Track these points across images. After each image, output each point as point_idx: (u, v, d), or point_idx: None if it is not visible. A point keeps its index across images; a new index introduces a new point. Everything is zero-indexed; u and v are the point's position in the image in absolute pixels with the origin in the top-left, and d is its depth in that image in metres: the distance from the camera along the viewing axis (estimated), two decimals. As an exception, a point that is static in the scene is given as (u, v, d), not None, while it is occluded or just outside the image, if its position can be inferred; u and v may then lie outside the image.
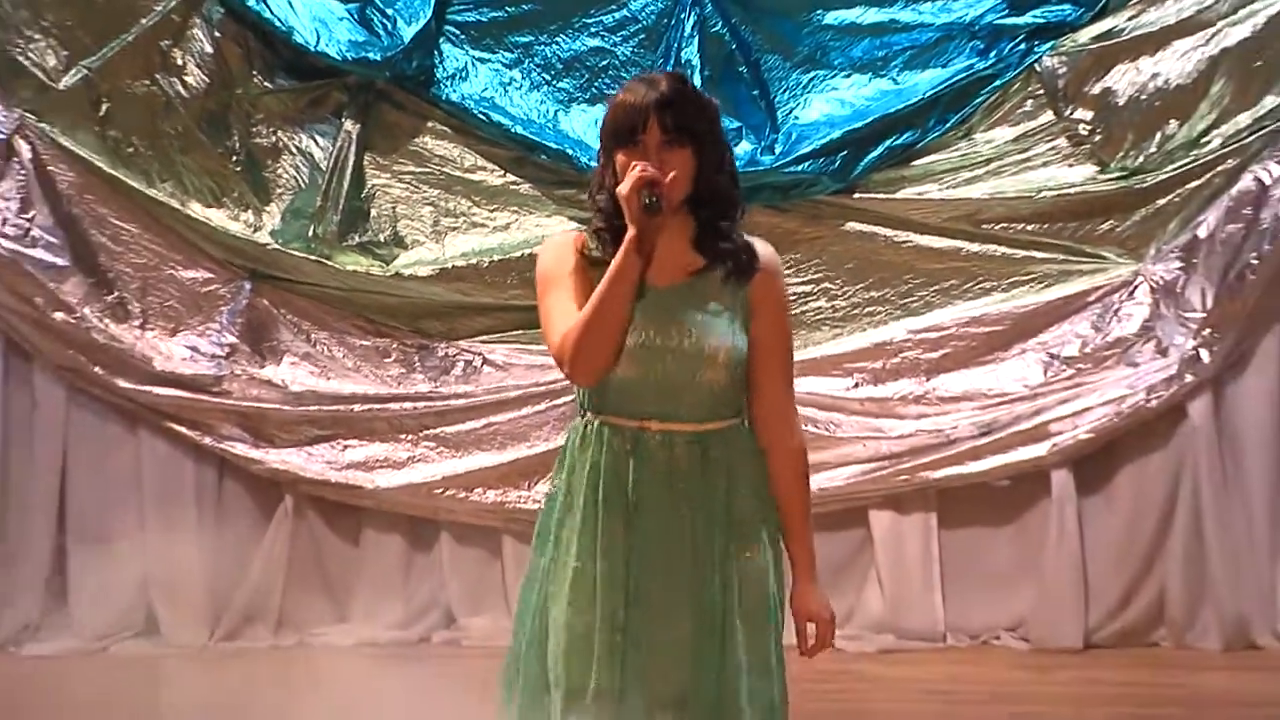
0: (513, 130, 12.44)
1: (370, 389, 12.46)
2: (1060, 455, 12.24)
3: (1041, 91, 12.46)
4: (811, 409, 12.07)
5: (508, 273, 12.14)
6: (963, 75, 12.46)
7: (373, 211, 12.56)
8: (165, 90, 12.39)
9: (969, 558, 12.42)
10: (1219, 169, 12.24)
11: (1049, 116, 12.47)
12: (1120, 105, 12.37)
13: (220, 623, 12.26)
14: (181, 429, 12.34)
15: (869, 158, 12.40)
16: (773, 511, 6.21)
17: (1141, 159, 12.37)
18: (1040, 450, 12.23)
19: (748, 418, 6.24)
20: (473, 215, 12.58)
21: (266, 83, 12.56)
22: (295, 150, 12.57)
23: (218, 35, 12.44)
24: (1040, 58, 12.47)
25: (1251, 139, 12.22)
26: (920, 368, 12.43)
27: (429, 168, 12.60)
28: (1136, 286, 12.33)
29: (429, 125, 12.60)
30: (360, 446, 12.45)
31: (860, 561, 12.42)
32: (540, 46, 12.61)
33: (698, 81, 11.82)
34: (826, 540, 11.56)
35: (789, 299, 6.35)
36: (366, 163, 12.56)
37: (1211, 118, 12.33)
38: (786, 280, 6.39)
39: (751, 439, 6.23)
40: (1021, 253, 12.46)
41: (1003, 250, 12.47)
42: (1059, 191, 12.40)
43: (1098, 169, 12.43)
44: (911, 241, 12.51)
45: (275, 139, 12.56)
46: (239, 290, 12.40)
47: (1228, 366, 12.26)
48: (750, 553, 6.14)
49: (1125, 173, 12.37)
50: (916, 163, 12.52)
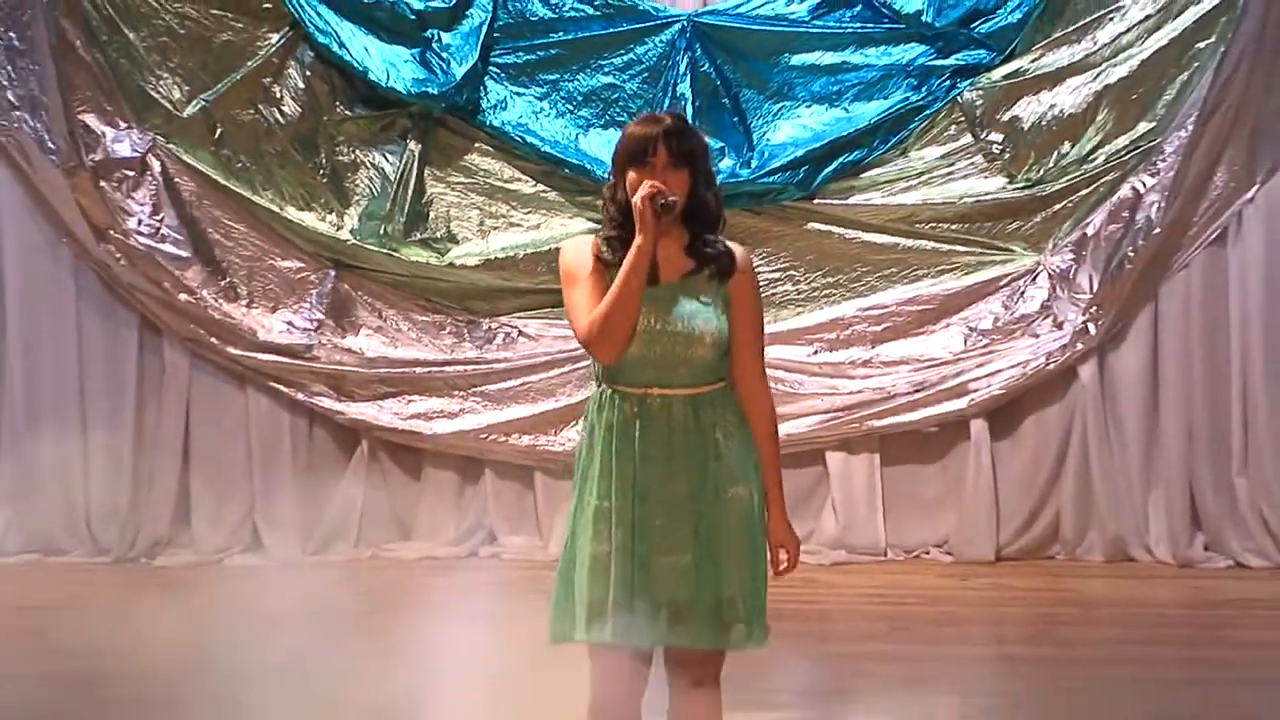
0: (542, 150, 12.69)
1: (429, 355, 12.78)
2: (977, 408, 12.60)
3: (963, 119, 12.75)
4: (780, 371, 12.31)
5: (539, 263, 12.44)
6: (900, 106, 12.71)
7: (431, 214, 12.84)
8: (266, 118, 12.67)
9: (905, 489, 12.81)
10: (1103, 180, 12.57)
11: (968, 139, 12.75)
12: (1025, 129, 12.65)
13: (311, 540, 12.63)
14: (280, 387, 12.72)
15: (826, 171, 12.66)
16: (753, 456, 6.48)
17: (1042, 172, 12.67)
18: (961, 404, 12.60)
19: (729, 382, 6.49)
20: (510, 216, 12.83)
21: (347, 111, 12.79)
22: (369, 165, 12.82)
23: (308, 74, 12.68)
24: (961, 92, 12.71)
25: (1129, 156, 12.49)
26: (866, 338, 12.72)
27: (475, 179, 12.85)
28: (1038, 274, 12.66)
29: (475, 145, 12.84)
30: (421, 401, 12.78)
31: (818, 492, 12.74)
32: (564, 83, 12.79)
33: (689, 111, 12.25)
34: (791, 476, 11.75)
35: (759, 288, 6.60)
36: (426, 175, 12.81)
37: (1097, 139, 12.59)
38: (759, 269, 6.90)
39: (733, 399, 6.48)
40: (947, 247, 12.75)
41: (932, 245, 12.75)
42: (976, 198, 12.71)
43: (1007, 180, 12.71)
44: (859, 238, 12.77)
45: (354, 156, 12.81)
46: (325, 277, 12.73)
47: (1109, 338, 12.54)
48: (736, 490, 6.42)
49: (1029, 183, 12.67)
50: (863, 175, 12.76)
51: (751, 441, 6.52)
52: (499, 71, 12.86)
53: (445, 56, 12.77)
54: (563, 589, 6.49)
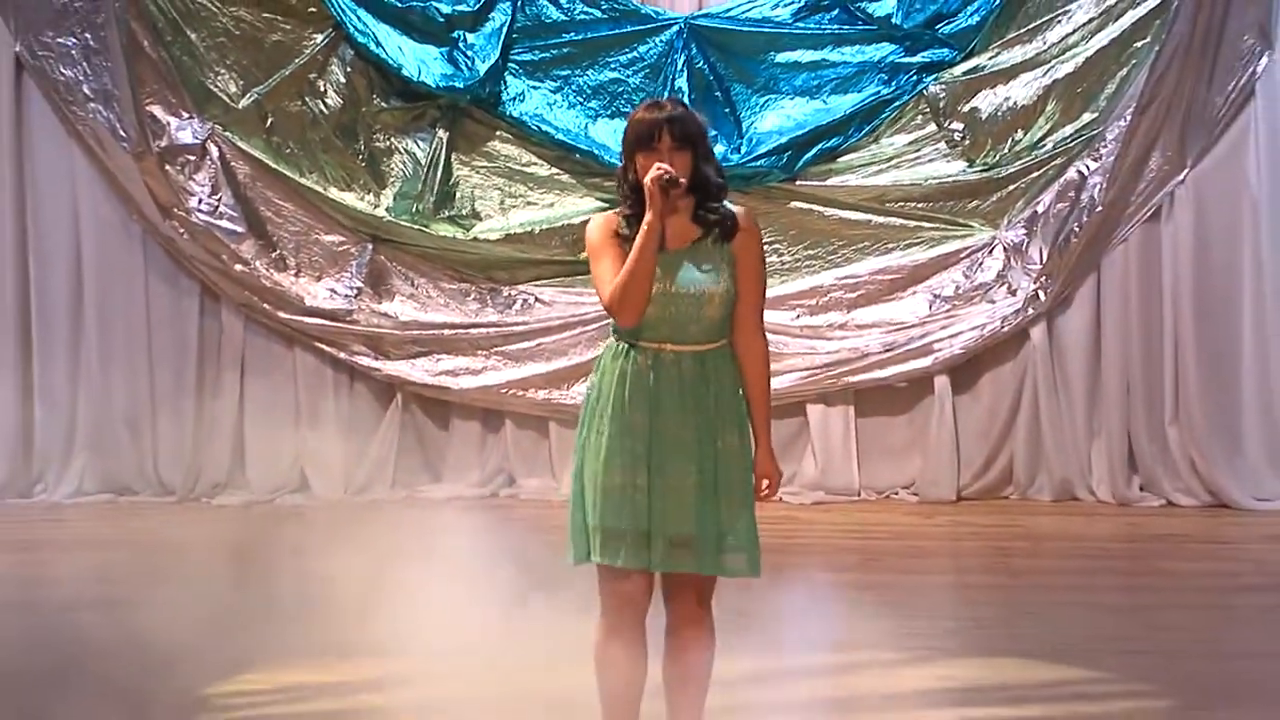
0: (556, 137, 12.72)
1: (455, 319, 12.79)
2: (940, 365, 12.64)
3: (928, 110, 12.76)
4: (770, 334, 12.20)
5: (553, 237, 12.50)
6: (872, 98, 12.72)
7: (457, 194, 12.84)
8: (312, 109, 12.74)
9: (876, 437, 12.85)
10: (1051, 164, 12.57)
11: (933, 128, 12.77)
12: (983, 119, 12.67)
13: (351, 482, 12.64)
14: (324, 347, 12.76)
15: (806, 156, 12.69)
16: (743, 406, 6.42)
17: (997, 157, 12.67)
18: (926, 362, 12.63)
19: (729, 341, 6.42)
20: (528, 196, 12.83)
21: (383, 103, 12.82)
22: (403, 151, 12.83)
23: (349, 70, 12.74)
24: (927, 86, 12.73)
25: (1074, 143, 12.52)
26: (843, 304, 12.74)
27: (496, 163, 12.86)
28: (994, 247, 12.65)
29: (497, 133, 12.85)
30: (449, 359, 12.79)
31: (800, 440, 12.79)
32: (575, 78, 12.79)
33: (687, 102, 12.47)
34: (775, 426, 11.64)
35: (763, 247, 6.51)
36: (453, 160, 12.83)
37: (1046, 128, 12.62)
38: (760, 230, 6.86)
39: (731, 357, 6.43)
40: (914, 223, 12.74)
41: (900, 221, 12.73)
42: (940, 180, 12.72)
43: (967, 164, 12.72)
44: (836, 215, 12.76)
45: (389, 143, 12.85)
46: (364, 249, 12.75)
47: (1057, 303, 12.55)
48: (731, 438, 6.39)
49: (986, 167, 12.68)
50: (840, 160, 12.77)
51: (742, 394, 6.48)
52: (517, 68, 12.85)
53: (470, 55, 12.76)
54: (578, 516, 6.48)
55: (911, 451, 12.87)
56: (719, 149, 12.32)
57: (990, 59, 12.75)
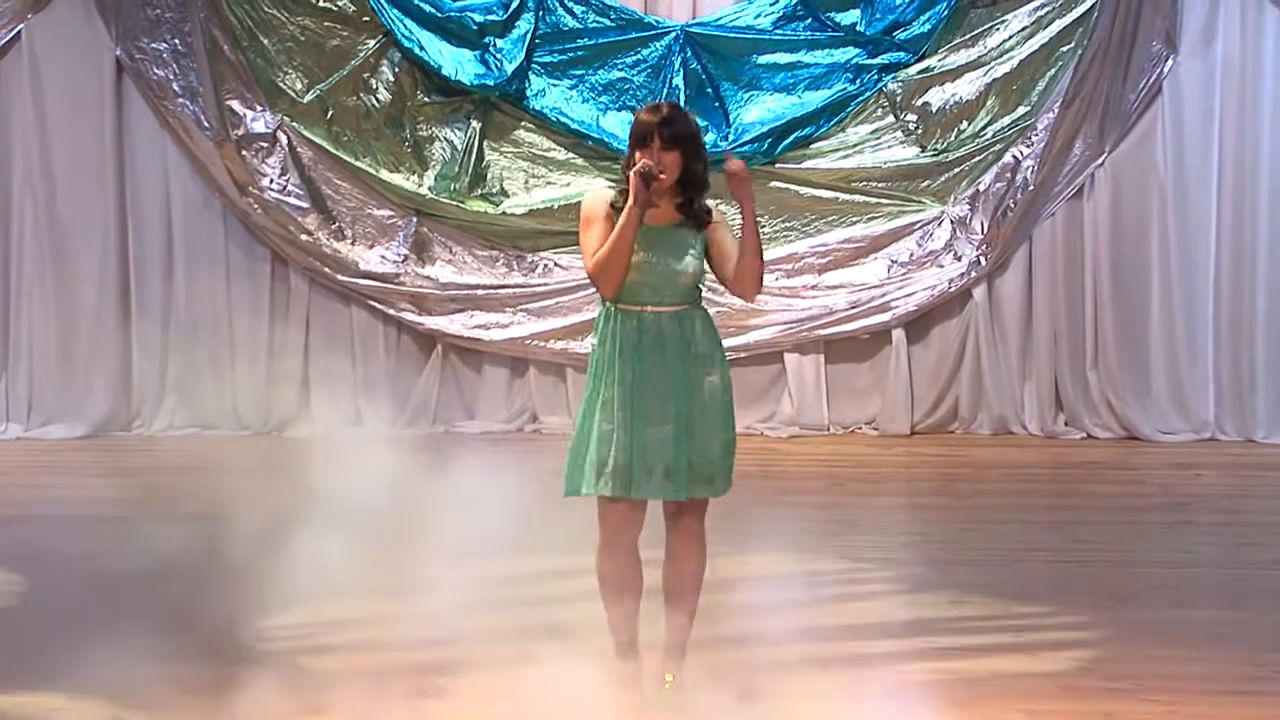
0: (572, 127, 12.65)
1: (487, 281, 12.75)
2: (897, 320, 12.64)
3: (887, 104, 12.70)
4: None
5: (569, 211, 12.14)
6: (840, 94, 12.65)
7: (488, 175, 12.77)
8: (365, 103, 12.65)
9: (843, 381, 12.81)
10: (991, 150, 12.55)
11: (891, 119, 12.70)
12: (933, 112, 12.65)
13: (400, 418, 12.55)
14: (375, 304, 12.71)
15: (784, 143, 12.64)
16: (719, 350, 6.52)
17: (945, 144, 12.65)
18: (886, 317, 12.64)
19: (699, 304, 6.52)
20: (548, 177, 12.76)
21: (425, 98, 12.70)
22: (442, 139, 12.74)
23: (397, 70, 12.62)
24: (886, 84, 12.66)
25: (1010, 132, 12.50)
26: (815, 268, 12.72)
27: (522, 149, 12.78)
28: (942, 220, 12.64)
29: (522, 123, 12.75)
30: (481, 315, 12.75)
31: (777, 384, 12.78)
32: (588, 76, 12.71)
33: (681, 98, 12.13)
34: (758, 371, 12.58)
35: (728, 225, 6.55)
36: (484, 146, 12.73)
37: (987, 119, 12.57)
38: (734, 217, 6.68)
39: (705, 314, 6.56)
40: (874, 200, 12.68)
41: (863, 198, 12.68)
42: (897, 164, 12.68)
43: (920, 150, 12.69)
44: (810, 193, 12.71)
45: (430, 132, 12.75)
46: (409, 222, 12.68)
47: (996, 268, 12.54)
48: (710, 379, 6.49)
49: (936, 152, 12.65)
50: (812, 146, 12.70)
51: (716, 340, 6.58)
52: (539, 68, 12.77)
53: (499, 57, 12.68)
54: (574, 457, 6.55)
55: (873, 393, 12.83)
56: (710, 137, 12.21)
57: (939, 61, 12.70)
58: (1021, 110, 12.61)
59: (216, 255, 12.75)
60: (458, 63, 12.73)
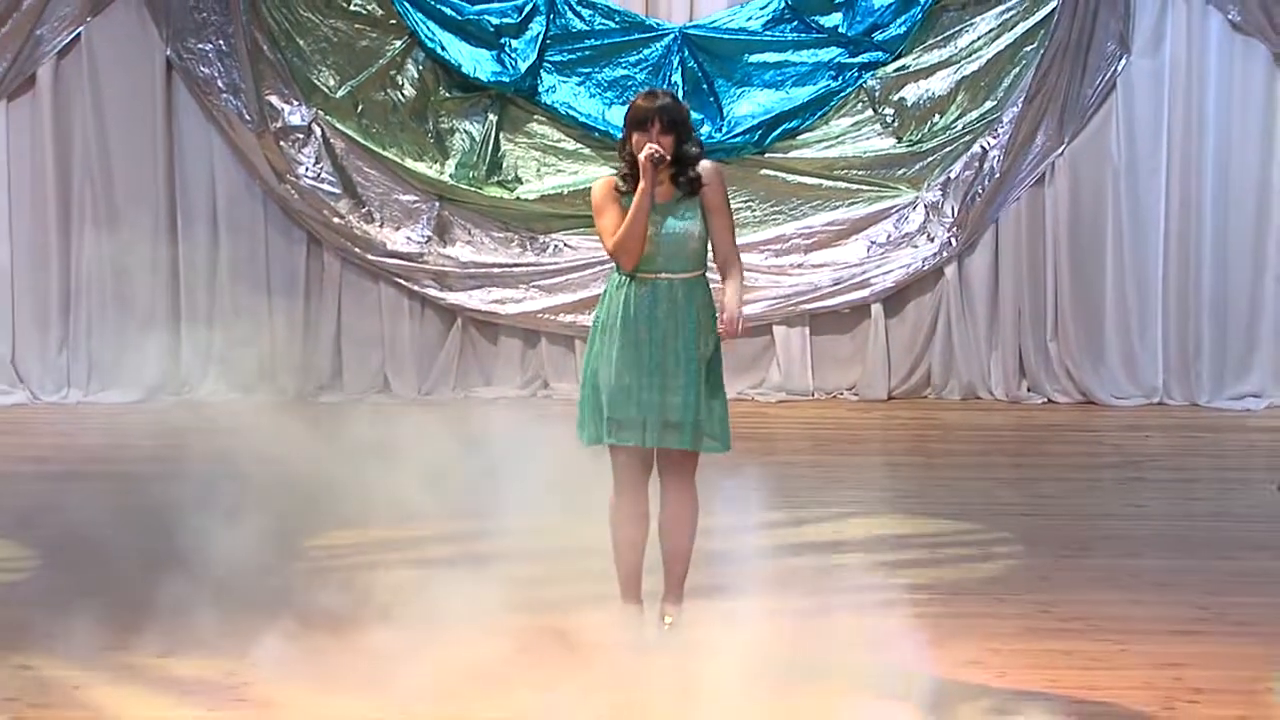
0: (580, 120, 12.64)
1: (503, 260, 12.71)
2: (875, 296, 12.60)
3: (866, 99, 12.68)
4: (744, 271, 12.24)
5: (577, 197, 12.16)
6: (824, 90, 12.65)
7: (504, 163, 12.74)
8: (392, 98, 12.62)
9: (826, 350, 12.76)
10: (961, 141, 12.54)
11: (870, 113, 12.68)
12: (908, 106, 12.64)
13: (424, 384, 12.60)
14: (401, 281, 12.65)
15: (773, 135, 12.63)
16: (713, 321, 6.55)
17: (919, 136, 12.63)
18: (865, 293, 12.60)
19: (705, 270, 6.58)
20: (558, 165, 12.74)
21: (446, 93, 12.69)
22: (462, 130, 12.72)
23: (421, 68, 12.59)
24: (866, 81, 12.65)
25: (979, 125, 12.50)
26: (801, 248, 12.68)
27: (534, 140, 12.74)
28: (916, 205, 12.61)
29: (535, 117, 12.73)
30: (497, 290, 12.68)
31: (767, 354, 12.75)
32: (595, 74, 12.68)
33: (680, 94, 11.90)
34: (750, 343, 12.48)
35: (727, 193, 6.66)
36: (500, 137, 12.71)
37: (957, 113, 12.57)
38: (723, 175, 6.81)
39: (706, 283, 6.59)
40: (855, 186, 12.67)
41: (844, 185, 12.66)
42: (875, 153, 12.67)
43: (896, 141, 12.66)
44: (796, 180, 12.71)
45: (451, 124, 12.74)
46: (432, 206, 12.62)
47: (965, 248, 12.51)
48: (706, 347, 6.57)
49: (911, 143, 12.64)
50: (799, 137, 12.69)
51: (713, 311, 6.60)
52: (550, 66, 12.74)
53: (514, 56, 12.67)
54: (586, 411, 6.64)
55: (853, 361, 12.78)
56: (705, 129, 12.32)
57: (914, 60, 12.69)
58: (988, 105, 12.62)
59: (257, 237, 12.69)
60: (476, 61, 12.71)
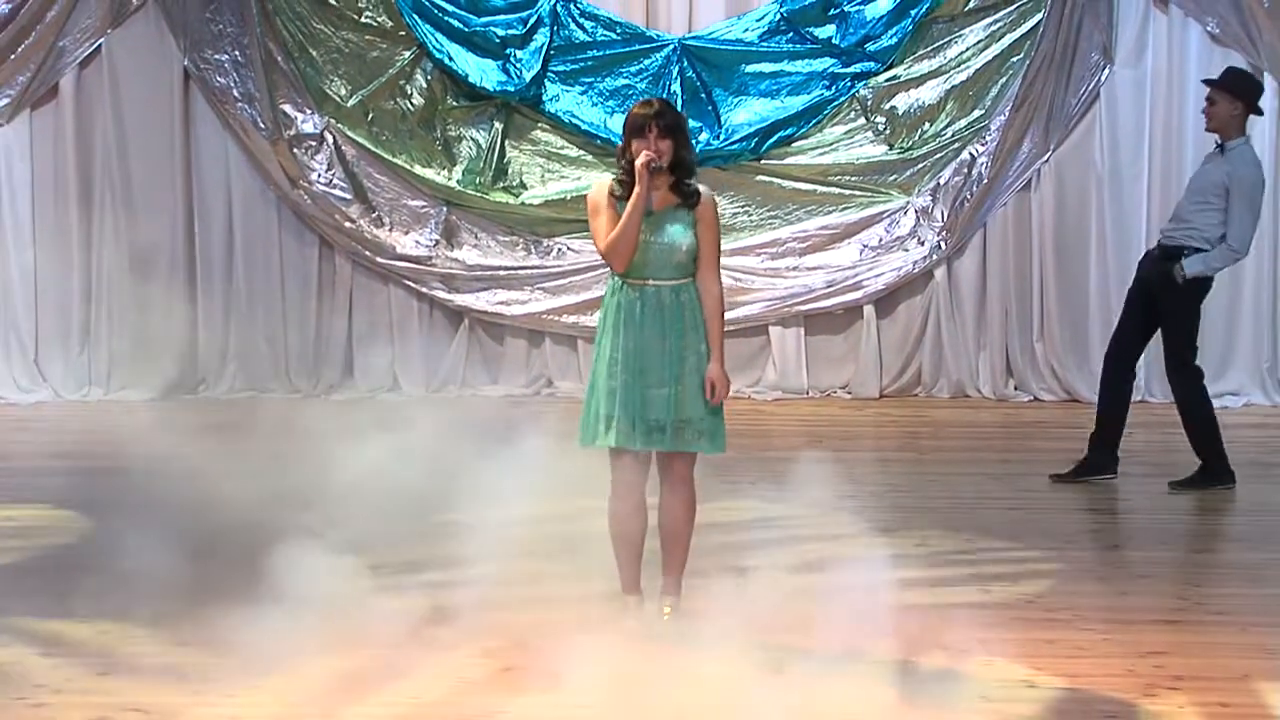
0: (582, 128, 12.65)
1: (509, 263, 12.72)
2: (868, 297, 12.63)
3: (859, 108, 12.68)
4: (739, 273, 12.30)
5: (580, 202, 10.72)
6: (818, 99, 12.65)
7: (509, 170, 12.74)
8: (401, 106, 12.68)
9: (820, 350, 12.78)
10: (950, 148, 12.55)
11: (863, 121, 12.68)
12: (899, 115, 12.63)
13: (432, 383, 12.62)
14: (410, 283, 12.70)
15: (769, 142, 12.63)
16: (703, 327, 6.56)
17: (910, 143, 12.63)
18: (858, 295, 12.61)
19: (694, 279, 6.58)
20: (561, 172, 12.76)
21: (454, 102, 12.71)
22: (469, 138, 12.74)
23: (429, 78, 12.64)
24: (858, 90, 12.65)
25: (967, 133, 12.51)
26: (796, 251, 12.69)
27: (538, 146, 12.76)
28: (907, 210, 12.60)
29: (539, 125, 12.73)
30: (503, 293, 12.71)
31: (763, 353, 12.74)
32: (597, 83, 12.68)
33: (678, 103, 12.01)
34: (745, 342, 12.48)
35: (718, 216, 6.66)
36: (506, 144, 12.71)
37: (946, 121, 12.57)
38: (726, 206, 6.80)
39: (695, 290, 6.59)
40: (848, 192, 12.65)
41: (838, 190, 12.65)
42: (868, 160, 12.65)
43: (888, 148, 12.66)
44: (791, 186, 12.68)
45: (458, 132, 12.75)
46: (440, 211, 12.65)
47: (954, 251, 12.54)
48: (697, 350, 6.56)
49: (902, 150, 12.63)
50: (794, 145, 12.68)
51: (703, 318, 6.60)
52: (554, 76, 12.75)
53: (519, 66, 12.69)
54: (587, 414, 6.63)
55: (847, 361, 12.79)
56: (703, 136, 12.36)
57: (905, 70, 12.69)
58: (977, 113, 12.64)
59: (271, 240, 12.75)
60: (483, 71, 12.75)
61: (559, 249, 12.85)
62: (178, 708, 6.00)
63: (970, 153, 12.60)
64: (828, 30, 12.77)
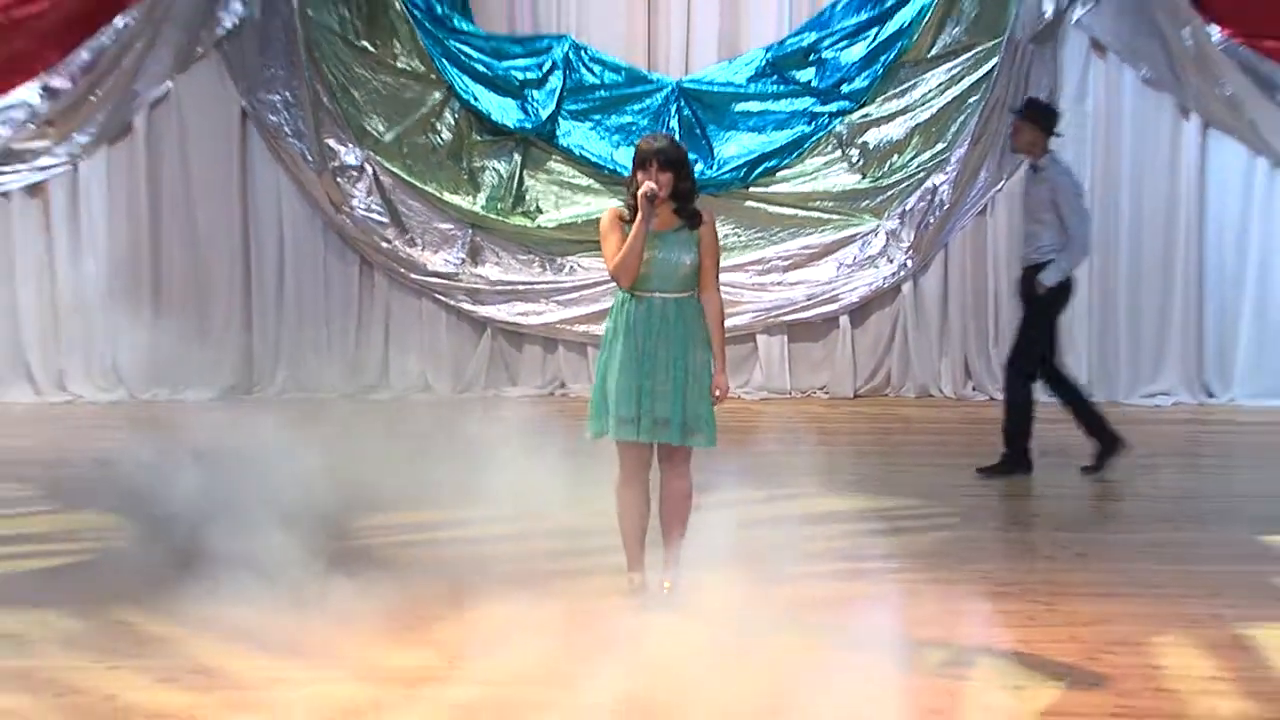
0: (591, 160, 12.68)
1: (527, 278, 12.71)
2: (843, 309, 12.61)
3: (835, 142, 12.71)
4: (730, 287, 11.97)
5: (590, 225, 11.77)
6: (799, 134, 12.70)
7: (527, 196, 12.75)
8: (432, 141, 12.72)
9: (801, 355, 12.74)
10: (915, 178, 12.56)
11: (839, 153, 12.71)
12: (871, 148, 12.67)
13: (458, 384, 12.60)
14: (440, 296, 12.67)
15: (756, 172, 12.66)
16: (705, 334, 6.55)
17: (881, 173, 12.65)
18: (834, 307, 12.60)
19: (697, 292, 6.56)
20: (574, 198, 12.75)
21: (478, 137, 12.74)
22: (492, 169, 12.77)
23: (456, 115, 12.68)
24: (835, 127, 12.69)
25: (931, 164, 12.53)
26: (780, 268, 12.69)
27: (553, 176, 12.78)
28: (878, 232, 12.61)
29: (553, 156, 12.76)
30: (522, 305, 12.69)
31: (751, 358, 12.69)
32: (604, 120, 12.75)
33: (677, 136, 11.90)
34: (736, 349, 12.35)
35: (717, 234, 6.66)
36: (524, 174, 12.73)
37: (912, 154, 12.60)
38: (718, 226, 6.70)
39: (697, 302, 6.57)
40: (826, 216, 12.68)
41: (818, 214, 12.67)
42: (843, 188, 12.67)
43: (861, 178, 12.68)
44: (776, 210, 12.71)
45: (482, 163, 12.78)
46: (466, 233, 12.66)
47: (919, 269, 12.53)
48: (697, 355, 6.55)
49: (873, 179, 12.65)
50: (778, 174, 12.71)
51: (704, 327, 6.58)
52: (567, 114, 12.80)
53: (536, 105, 12.74)
54: (595, 408, 6.61)
55: (825, 365, 12.77)
56: (698, 167, 12.24)
57: (876, 108, 12.73)
58: (939, 147, 12.67)
59: (317, 259, 12.76)
60: (504, 110, 12.80)
61: (571, 266, 12.84)
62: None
63: (933, 182, 12.62)
64: (808, 74, 12.83)
